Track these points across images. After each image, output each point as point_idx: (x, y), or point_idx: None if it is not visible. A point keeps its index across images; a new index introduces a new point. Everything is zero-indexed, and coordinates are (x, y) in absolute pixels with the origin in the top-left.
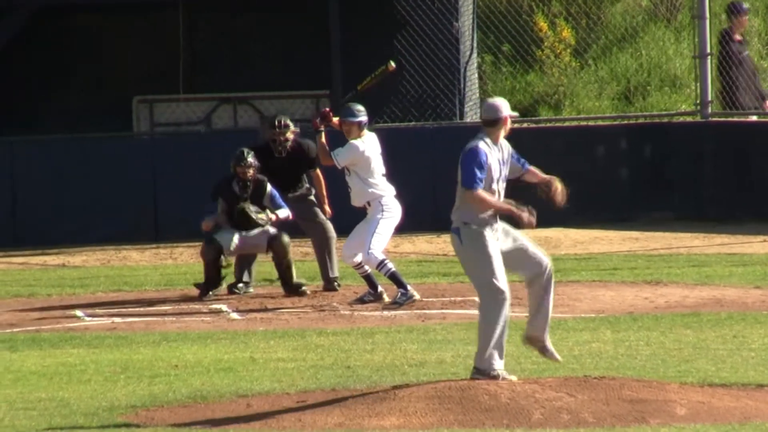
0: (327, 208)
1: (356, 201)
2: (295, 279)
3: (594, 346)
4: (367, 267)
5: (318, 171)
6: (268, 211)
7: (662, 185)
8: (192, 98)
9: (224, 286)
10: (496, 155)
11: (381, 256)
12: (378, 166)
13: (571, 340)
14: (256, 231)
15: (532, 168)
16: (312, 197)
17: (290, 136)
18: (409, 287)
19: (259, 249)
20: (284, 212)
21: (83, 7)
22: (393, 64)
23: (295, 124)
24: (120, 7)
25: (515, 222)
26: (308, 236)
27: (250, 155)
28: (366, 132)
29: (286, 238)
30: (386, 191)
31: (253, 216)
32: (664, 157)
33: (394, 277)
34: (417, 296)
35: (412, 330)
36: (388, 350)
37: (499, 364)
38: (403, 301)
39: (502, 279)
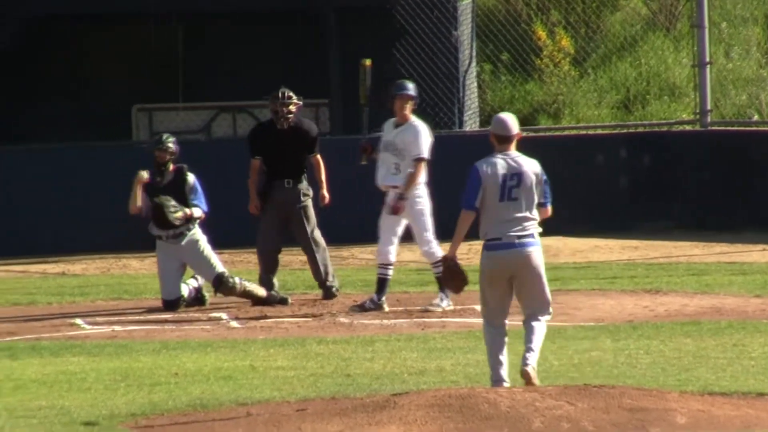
0: (325, 193)
1: (385, 181)
2: (264, 294)
3: (594, 355)
4: (387, 272)
5: (318, 156)
6: (184, 208)
7: (662, 194)
8: (191, 107)
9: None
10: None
11: (441, 253)
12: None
13: (571, 348)
14: (200, 263)
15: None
16: (308, 203)
17: (293, 108)
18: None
19: (205, 276)
20: (198, 211)
21: (83, 16)
22: (367, 61)
23: (299, 98)
24: (119, 17)
25: None
26: (299, 246)
27: (170, 140)
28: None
29: (230, 281)
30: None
31: (170, 215)
32: (664, 165)
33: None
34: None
35: (412, 338)
36: (387, 358)
37: None
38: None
39: None
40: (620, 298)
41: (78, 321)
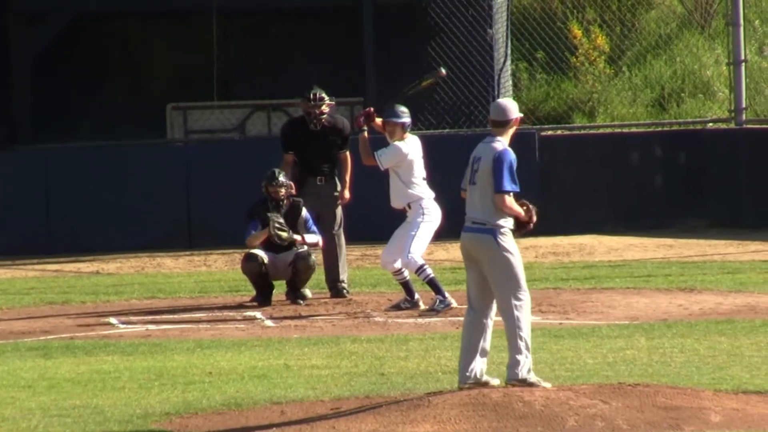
0: (346, 193)
1: (396, 202)
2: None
3: (628, 353)
4: (405, 273)
5: (347, 154)
6: (294, 234)
7: (696, 192)
8: (226, 105)
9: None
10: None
11: (420, 261)
12: (420, 169)
13: (606, 347)
14: (286, 252)
15: None
16: (336, 203)
17: (325, 109)
18: (446, 294)
19: (281, 275)
20: (313, 237)
21: (117, 14)
22: (443, 70)
23: (331, 98)
24: (154, 14)
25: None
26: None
27: (281, 175)
28: (409, 134)
29: (312, 260)
30: (426, 194)
31: (274, 229)
32: (699, 164)
33: (432, 283)
34: (454, 303)
35: (446, 337)
36: (422, 357)
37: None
38: (440, 308)
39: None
40: (655, 297)
41: (112, 320)
